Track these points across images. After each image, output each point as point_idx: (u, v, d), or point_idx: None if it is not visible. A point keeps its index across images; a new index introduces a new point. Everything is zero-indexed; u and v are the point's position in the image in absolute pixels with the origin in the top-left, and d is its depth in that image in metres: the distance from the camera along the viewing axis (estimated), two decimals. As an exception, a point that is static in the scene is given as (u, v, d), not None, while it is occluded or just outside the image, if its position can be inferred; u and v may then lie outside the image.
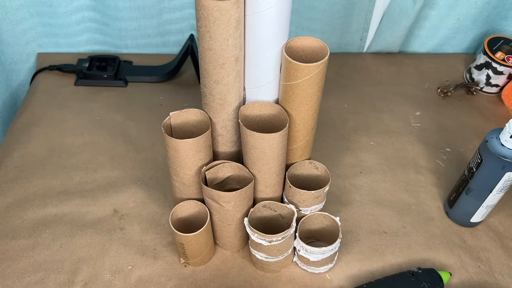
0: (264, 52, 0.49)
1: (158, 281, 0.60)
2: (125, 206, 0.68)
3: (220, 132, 0.56)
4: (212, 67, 0.48)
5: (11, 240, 0.64)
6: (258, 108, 0.54)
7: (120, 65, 0.88)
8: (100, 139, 0.77)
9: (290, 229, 0.54)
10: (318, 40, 0.50)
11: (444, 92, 0.87)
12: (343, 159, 0.76)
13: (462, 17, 0.87)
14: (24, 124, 0.79)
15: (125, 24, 0.88)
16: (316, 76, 0.48)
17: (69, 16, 0.86)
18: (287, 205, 0.57)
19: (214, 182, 0.57)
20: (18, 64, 0.90)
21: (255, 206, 0.57)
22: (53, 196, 0.69)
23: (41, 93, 0.85)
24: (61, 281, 0.60)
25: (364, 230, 0.66)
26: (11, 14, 0.84)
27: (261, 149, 0.51)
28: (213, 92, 0.51)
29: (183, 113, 0.54)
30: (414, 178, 0.73)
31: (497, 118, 0.83)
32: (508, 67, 0.82)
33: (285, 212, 0.58)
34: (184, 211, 0.58)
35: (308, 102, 0.51)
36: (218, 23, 0.44)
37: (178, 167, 0.55)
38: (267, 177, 0.55)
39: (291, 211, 0.57)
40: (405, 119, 0.82)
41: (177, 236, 0.56)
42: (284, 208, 0.57)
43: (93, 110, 0.82)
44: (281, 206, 0.57)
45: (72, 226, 0.66)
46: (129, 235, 0.65)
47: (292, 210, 0.57)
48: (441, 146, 0.78)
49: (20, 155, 0.74)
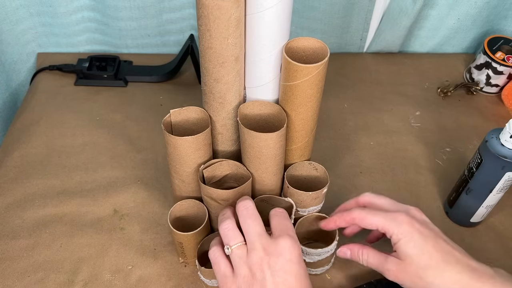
0: (264, 52, 0.49)
1: (158, 281, 0.60)
2: (125, 206, 0.68)
3: (220, 131, 0.56)
4: (212, 65, 0.48)
5: (11, 240, 0.64)
6: (258, 107, 0.54)
7: (120, 65, 0.88)
8: (100, 139, 0.77)
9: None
10: (319, 41, 0.50)
11: (444, 92, 0.87)
12: (343, 159, 0.76)
13: (462, 17, 0.87)
14: (24, 124, 0.79)
15: (125, 24, 0.88)
16: (315, 77, 0.48)
17: (69, 16, 0.86)
18: (286, 199, 0.57)
19: (212, 180, 0.57)
20: (18, 64, 0.90)
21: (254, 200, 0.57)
22: (53, 196, 0.69)
23: (41, 93, 0.85)
24: (61, 281, 0.60)
25: (364, 230, 0.66)
26: (11, 14, 0.84)
27: (258, 148, 0.51)
28: (213, 91, 0.51)
29: (183, 111, 0.55)
30: (414, 178, 0.73)
31: (497, 118, 0.83)
32: (508, 67, 0.82)
33: (283, 206, 0.57)
34: (182, 210, 0.58)
35: (307, 103, 0.51)
36: (218, 22, 0.44)
37: (177, 164, 0.55)
38: (264, 176, 0.55)
39: (290, 204, 0.57)
40: (405, 119, 0.82)
41: (175, 235, 0.56)
42: (282, 202, 0.57)
43: (93, 110, 0.82)
44: (279, 199, 0.57)
45: (72, 226, 0.66)
46: (129, 235, 0.65)
47: (291, 204, 0.56)
48: (441, 146, 0.78)
49: (20, 155, 0.74)
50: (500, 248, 0.65)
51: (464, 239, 0.66)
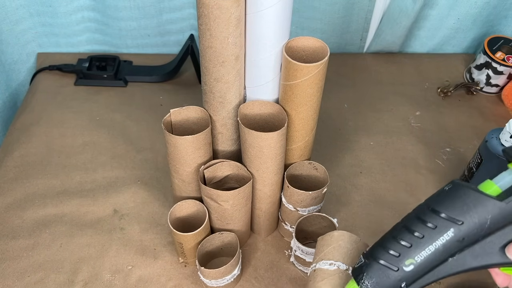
0: (264, 51, 0.49)
1: (158, 281, 0.60)
2: (125, 206, 0.68)
3: (220, 130, 0.56)
4: (212, 65, 0.48)
5: (11, 240, 0.64)
6: (258, 107, 0.54)
7: (120, 65, 0.88)
8: (100, 139, 0.77)
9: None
10: (319, 41, 0.50)
11: (444, 92, 0.87)
12: (343, 159, 0.76)
13: (462, 17, 0.87)
14: (24, 124, 0.79)
15: (125, 24, 0.88)
16: (315, 76, 0.48)
17: (69, 16, 0.86)
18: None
19: (213, 181, 0.57)
20: (18, 64, 0.90)
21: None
22: (53, 196, 0.69)
23: (41, 93, 0.85)
24: (61, 281, 0.60)
25: (364, 230, 0.66)
26: (11, 14, 0.84)
27: (259, 148, 0.51)
28: (213, 90, 0.51)
29: (184, 111, 0.55)
30: (414, 178, 0.73)
31: (497, 118, 0.83)
32: (508, 67, 0.82)
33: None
34: (182, 211, 0.58)
35: (307, 102, 0.51)
36: (218, 21, 0.44)
37: (177, 164, 0.55)
38: (265, 176, 0.55)
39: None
40: (405, 119, 0.82)
41: (175, 235, 0.56)
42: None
43: (93, 110, 0.82)
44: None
45: (72, 226, 0.66)
46: (129, 235, 0.65)
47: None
48: (441, 146, 0.78)
49: (20, 155, 0.74)
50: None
51: (464, 239, 0.66)
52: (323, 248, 0.47)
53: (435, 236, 0.35)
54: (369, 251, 0.38)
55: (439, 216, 0.35)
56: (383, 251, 0.37)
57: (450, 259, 0.36)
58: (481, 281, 0.61)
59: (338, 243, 0.46)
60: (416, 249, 0.36)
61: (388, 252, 0.37)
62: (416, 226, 0.36)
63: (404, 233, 0.36)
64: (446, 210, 0.35)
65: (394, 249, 0.36)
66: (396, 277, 0.36)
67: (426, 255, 0.35)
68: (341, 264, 0.44)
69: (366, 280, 0.37)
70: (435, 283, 0.59)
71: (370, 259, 0.37)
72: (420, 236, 0.36)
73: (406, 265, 0.36)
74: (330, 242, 0.46)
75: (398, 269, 0.36)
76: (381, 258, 0.37)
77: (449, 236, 0.35)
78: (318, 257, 0.46)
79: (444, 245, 0.35)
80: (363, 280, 0.37)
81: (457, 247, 0.35)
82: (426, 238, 0.35)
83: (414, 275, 0.36)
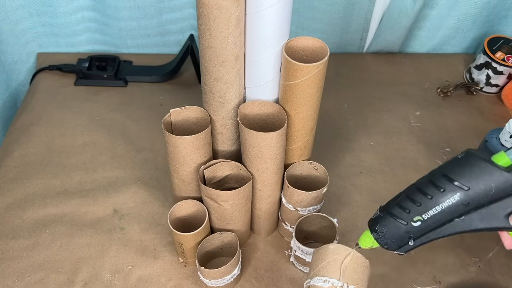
0: (264, 51, 0.49)
1: (158, 281, 0.60)
2: (125, 206, 0.68)
3: (220, 130, 0.56)
4: (212, 65, 0.48)
5: (11, 240, 0.64)
6: (258, 107, 0.54)
7: (120, 65, 0.88)
8: (100, 139, 0.77)
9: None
10: (319, 40, 0.50)
11: (444, 92, 0.87)
12: (343, 159, 0.76)
13: (462, 17, 0.87)
14: (24, 124, 0.79)
15: (125, 24, 0.88)
16: (315, 76, 0.48)
17: (69, 16, 0.86)
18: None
19: (213, 181, 0.57)
20: (18, 64, 0.90)
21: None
22: (53, 196, 0.69)
23: (41, 93, 0.85)
24: (61, 281, 0.60)
25: (364, 230, 0.66)
26: (11, 14, 0.84)
27: (259, 148, 0.51)
28: (213, 90, 0.51)
29: (184, 111, 0.55)
30: (414, 178, 0.72)
31: (497, 118, 0.83)
32: (508, 67, 0.82)
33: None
34: (182, 211, 0.58)
35: (307, 102, 0.51)
36: (218, 21, 0.44)
37: (177, 164, 0.55)
38: (265, 176, 0.55)
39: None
40: (405, 119, 0.82)
41: (175, 235, 0.56)
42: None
43: (93, 110, 0.82)
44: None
45: (72, 226, 0.66)
46: (129, 235, 0.65)
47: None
48: (441, 146, 0.78)
49: (20, 155, 0.74)
50: (500, 248, 0.65)
51: (464, 239, 0.66)
52: (317, 262, 0.47)
53: (442, 199, 0.39)
54: (385, 206, 0.44)
55: (448, 181, 0.39)
56: (396, 206, 0.42)
57: (456, 219, 0.40)
58: (481, 281, 0.61)
59: (333, 258, 0.47)
60: (424, 208, 0.40)
61: (400, 208, 0.42)
62: (426, 188, 0.41)
63: (415, 193, 0.41)
64: (455, 176, 0.39)
65: (405, 206, 0.41)
66: (405, 229, 0.42)
67: (433, 214, 0.40)
68: (335, 281, 0.45)
69: (379, 230, 0.43)
70: (436, 281, 0.59)
71: (385, 212, 0.43)
72: (429, 197, 0.40)
73: (414, 221, 0.41)
74: (325, 256, 0.47)
75: (407, 224, 0.41)
76: (393, 213, 0.42)
77: (455, 199, 0.39)
78: (313, 272, 0.47)
79: (450, 207, 0.39)
80: (377, 230, 0.43)
81: (462, 210, 0.39)
82: (434, 199, 0.40)
83: (420, 230, 0.41)
